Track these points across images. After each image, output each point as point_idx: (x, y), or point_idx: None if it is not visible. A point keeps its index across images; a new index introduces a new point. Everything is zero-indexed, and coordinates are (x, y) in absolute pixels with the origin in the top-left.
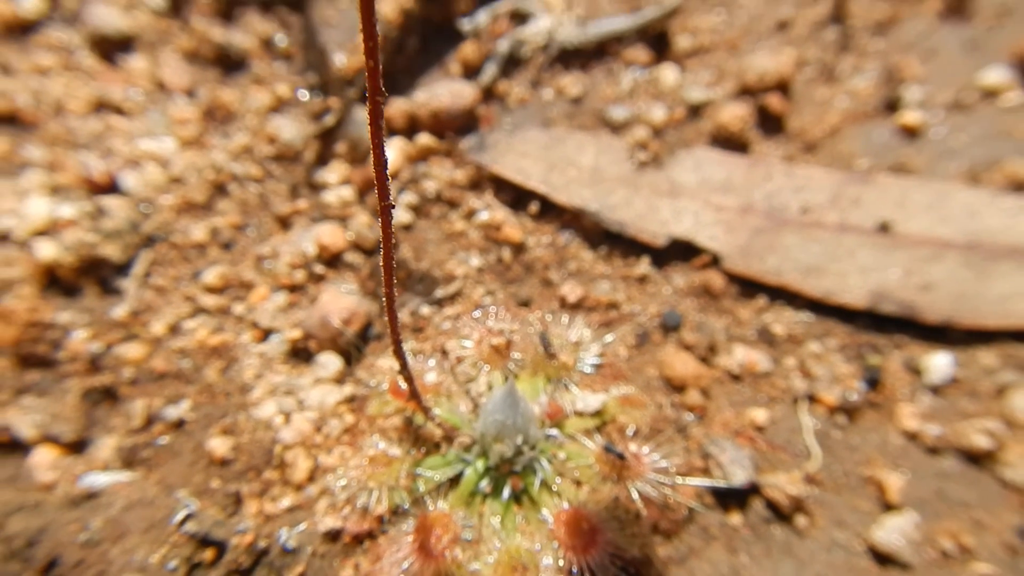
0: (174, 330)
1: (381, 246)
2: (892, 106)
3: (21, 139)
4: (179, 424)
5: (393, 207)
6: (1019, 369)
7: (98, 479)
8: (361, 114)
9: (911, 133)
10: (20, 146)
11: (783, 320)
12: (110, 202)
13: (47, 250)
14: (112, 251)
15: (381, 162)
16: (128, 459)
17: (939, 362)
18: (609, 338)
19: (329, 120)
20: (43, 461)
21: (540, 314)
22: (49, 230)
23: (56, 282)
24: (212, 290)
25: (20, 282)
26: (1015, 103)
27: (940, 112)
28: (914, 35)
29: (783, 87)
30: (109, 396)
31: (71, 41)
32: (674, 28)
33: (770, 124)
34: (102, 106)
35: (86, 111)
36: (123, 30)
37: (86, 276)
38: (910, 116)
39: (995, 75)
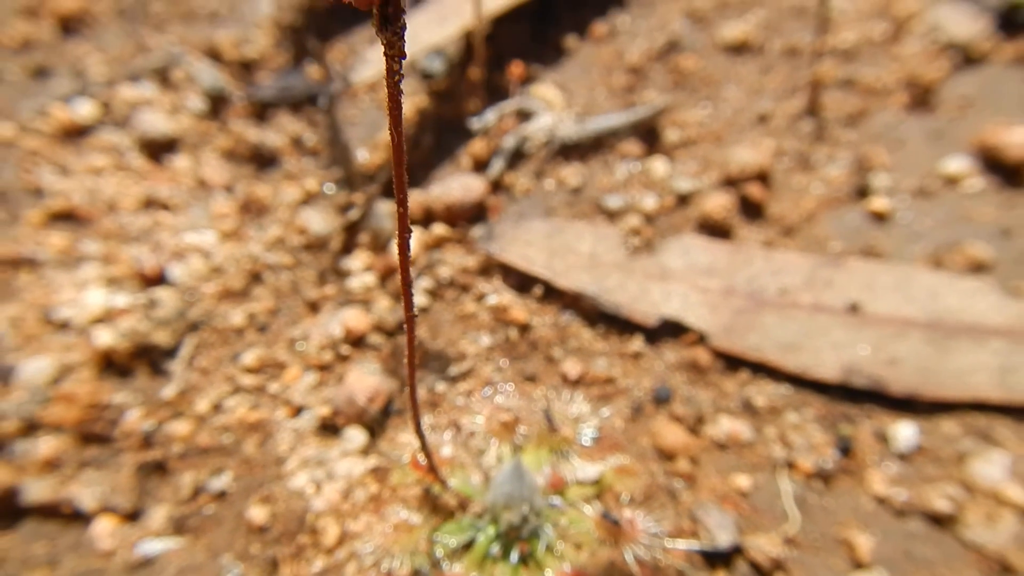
0: (217, 408)
1: (406, 352)
2: (862, 192)
3: (79, 234)
4: (222, 495)
5: (416, 316)
6: (978, 437)
7: (152, 546)
8: (382, 207)
9: (880, 218)
10: (78, 241)
11: (764, 393)
12: (160, 293)
13: (104, 337)
14: (162, 337)
15: (407, 281)
16: (178, 527)
17: (905, 431)
18: (606, 412)
19: (354, 214)
20: (103, 530)
21: (544, 390)
22: (105, 319)
23: (111, 366)
24: (250, 371)
25: (80, 366)
26: (975, 189)
27: (906, 198)
28: (882, 126)
29: (763, 176)
30: (160, 469)
31: (122, 143)
32: (664, 123)
33: (751, 210)
34: (151, 203)
35: (136, 208)
36: (168, 133)
37: (138, 360)
38: (879, 202)
39: (956, 164)
